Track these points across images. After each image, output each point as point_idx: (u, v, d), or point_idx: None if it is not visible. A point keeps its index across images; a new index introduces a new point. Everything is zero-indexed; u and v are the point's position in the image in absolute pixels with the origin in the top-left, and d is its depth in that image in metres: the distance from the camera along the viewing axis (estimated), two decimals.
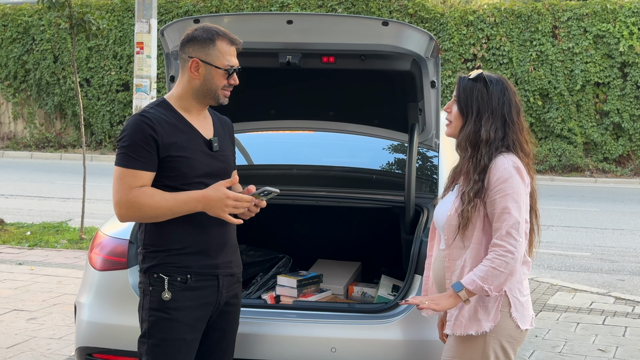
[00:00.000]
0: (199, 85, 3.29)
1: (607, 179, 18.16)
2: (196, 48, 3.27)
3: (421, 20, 19.53)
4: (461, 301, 3.12)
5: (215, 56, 3.26)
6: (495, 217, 3.12)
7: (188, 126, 3.31)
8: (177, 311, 3.27)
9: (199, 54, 3.27)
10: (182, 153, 3.24)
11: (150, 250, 3.32)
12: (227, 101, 3.36)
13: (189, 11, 20.90)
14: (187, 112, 3.34)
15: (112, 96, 22.02)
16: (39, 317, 6.50)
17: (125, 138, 3.21)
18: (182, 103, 3.33)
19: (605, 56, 18.58)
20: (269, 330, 3.87)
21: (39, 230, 10.46)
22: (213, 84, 3.29)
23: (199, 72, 3.27)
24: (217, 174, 3.33)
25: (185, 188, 3.23)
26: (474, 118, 3.20)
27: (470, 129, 3.20)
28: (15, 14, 22.88)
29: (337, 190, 4.76)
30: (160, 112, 3.28)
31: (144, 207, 3.18)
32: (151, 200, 3.17)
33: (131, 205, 3.19)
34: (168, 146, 3.21)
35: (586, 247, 10.33)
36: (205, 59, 3.26)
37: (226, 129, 3.53)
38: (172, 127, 3.25)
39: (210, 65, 3.26)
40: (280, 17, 4.07)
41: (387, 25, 3.97)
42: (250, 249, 4.84)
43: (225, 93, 3.33)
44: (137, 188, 3.19)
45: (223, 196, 3.16)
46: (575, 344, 6.07)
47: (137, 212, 3.21)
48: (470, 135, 3.20)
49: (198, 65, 3.27)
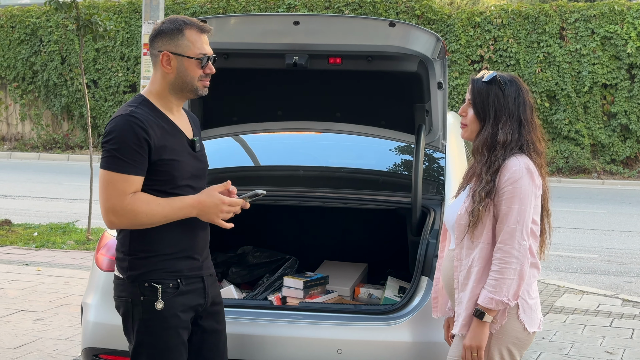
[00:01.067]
0: (173, 79, 3.16)
1: (614, 180, 18.10)
2: (165, 41, 3.14)
3: (428, 21, 19.51)
4: (488, 323, 3.10)
5: (185, 46, 3.13)
6: (501, 218, 3.12)
7: (174, 127, 3.20)
8: (172, 318, 3.18)
9: (169, 46, 3.13)
10: (173, 156, 3.13)
11: (139, 256, 3.17)
12: (206, 92, 3.22)
13: (195, 12, 20.92)
14: (168, 111, 3.21)
15: (119, 97, 22.04)
16: (46, 317, 6.51)
17: (115, 140, 3.05)
18: (161, 101, 3.20)
19: (613, 58, 18.53)
20: (275, 332, 3.86)
21: (46, 231, 10.48)
22: (188, 76, 3.15)
23: (171, 66, 3.14)
24: (200, 175, 3.27)
25: (174, 191, 3.14)
26: (491, 122, 3.19)
27: (488, 133, 3.19)
28: (23, 15, 22.93)
29: (343, 192, 4.76)
30: (145, 112, 3.13)
31: (139, 214, 3.05)
32: (147, 207, 3.05)
33: (126, 213, 3.05)
34: (160, 149, 3.09)
35: (593, 249, 10.30)
36: (176, 50, 3.13)
37: (197, 126, 3.41)
38: (160, 129, 3.13)
39: (181, 56, 3.13)
40: (287, 18, 4.06)
41: (394, 27, 3.97)
42: (257, 250, 4.83)
43: (204, 83, 3.19)
44: (131, 194, 3.05)
45: (218, 202, 3.09)
46: (582, 346, 6.05)
47: (131, 219, 3.06)
48: (487, 140, 3.19)
49: (169, 58, 3.13)
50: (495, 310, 3.09)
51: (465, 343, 3.13)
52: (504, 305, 3.08)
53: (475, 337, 3.11)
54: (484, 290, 3.10)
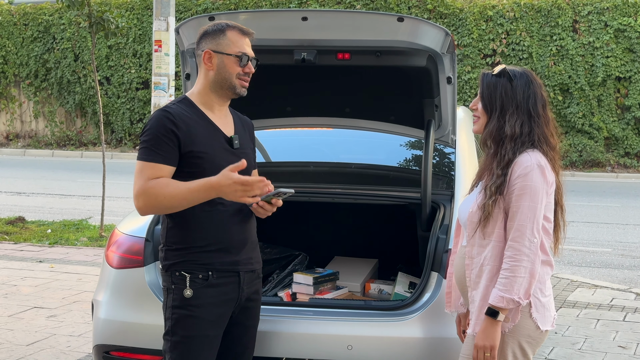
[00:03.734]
0: (213, 76, 3.35)
1: (628, 174, 18.01)
2: (208, 41, 3.35)
3: (440, 15, 19.45)
4: (500, 322, 3.08)
5: (225, 45, 3.32)
6: (511, 215, 3.10)
7: (209, 123, 3.35)
8: (199, 308, 3.29)
9: (211, 45, 3.34)
10: (204, 149, 3.27)
11: (172, 248, 3.34)
12: (245, 92, 3.39)
13: (207, 9, 20.93)
14: (208, 109, 3.39)
15: (132, 94, 22.11)
16: (59, 314, 6.54)
17: (147, 132, 3.26)
18: (202, 99, 3.38)
19: (627, 50, 18.42)
20: (285, 328, 3.86)
21: (59, 228, 10.52)
22: (227, 72, 3.33)
23: (212, 63, 3.34)
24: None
25: None
26: (497, 114, 3.17)
27: (494, 125, 3.18)
28: (36, 13, 23.01)
29: (353, 187, 4.75)
30: (182, 108, 3.32)
31: (159, 196, 3.18)
32: (166, 190, 3.17)
33: (147, 196, 3.20)
34: (190, 142, 3.25)
35: (607, 242, 10.25)
36: (217, 48, 3.33)
37: (246, 128, 3.57)
38: (193, 123, 3.29)
39: (221, 53, 3.32)
40: (295, 13, 4.06)
41: (403, 21, 3.95)
42: (267, 247, 4.83)
43: (242, 82, 3.36)
44: (154, 179, 3.20)
45: (230, 182, 3.12)
46: (595, 340, 6.02)
47: (153, 202, 3.20)
48: (493, 132, 3.18)
49: (210, 56, 3.33)
50: (507, 309, 3.06)
51: (478, 343, 3.09)
52: (515, 304, 3.05)
53: (488, 337, 3.07)
54: (494, 289, 3.07)
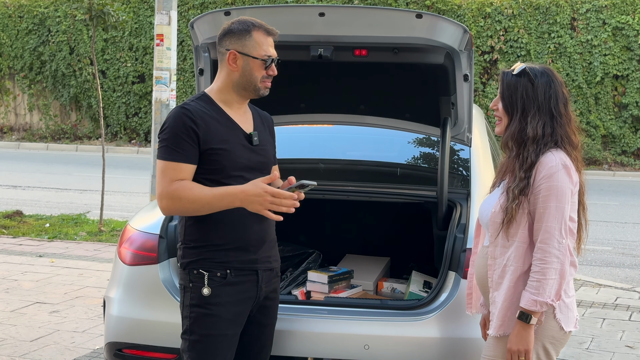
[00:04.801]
0: (238, 77, 3.31)
1: (625, 172, 18.01)
2: (233, 40, 3.29)
3: (438, 12, 19.39)
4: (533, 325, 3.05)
5: (252, 47, 3.28)
6: (538, 216, 3.06)
7: (228, 119, 3.32)
8: (218, 306, 3.27)
9: (236, 45, 3.29)
10: (223, 145, 3.25)
11: (190, 245, 3.33)
12: (267, 92, 3.36)
13: (205, 2, 20.84)
14: (227, 106, 3.35)
15: (127, 88, 22.00)
16: (62, 310, 6.49)
17: (167, 130, 3.24)
18: (222, 96, 3.35)
19: (625, 48, 18.41)
20: (302, 327, 3.83)
21: (57, 222, 10.45)
22: (252, 75, 3.30)
23: (237, 64, 3.29)
24: (257, 167, 3.34)
25: (225, 181, 3.23)
26: (519, 116, 3.13)
27: (515, 127, 3.14)
28: (31, 5, 22.86)
29: (367, 185, 4.71)
30: (200, 105, 3.30)
31: (182, 199, 3.19)
32: (190, 193, 3.18)
33: (171, 198, 3.20)
34: (209, 139, 3.23)
35: (607, 241, 10.24)
36: (242, 50, 3.28)
37: (266, 124, 3.54)
38: (212, 120, 3.27)
39: (247, 56, 3.28)
40: (311, 9, 4.01)
41: (421, 18, 3.91)
42: (280, 244, 4.73)
43: (265, 84, 3.34)
44: (178, 181, 3.20)
45: (261, 192, 3.12)
46: (602, 340, 6.01)
47: (177, 204, 3.21)
48: (515, 134, 3.14)
49: (236, 57, 3.29)
50: (539, 312, 3.04)
51: (512, 348, 3.06)
52: (548, 306, 3.02)
53: (522, 341, 3.04)
54: (525, 292, 3.04)
